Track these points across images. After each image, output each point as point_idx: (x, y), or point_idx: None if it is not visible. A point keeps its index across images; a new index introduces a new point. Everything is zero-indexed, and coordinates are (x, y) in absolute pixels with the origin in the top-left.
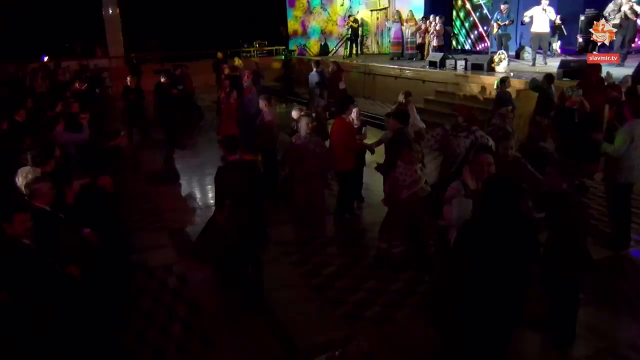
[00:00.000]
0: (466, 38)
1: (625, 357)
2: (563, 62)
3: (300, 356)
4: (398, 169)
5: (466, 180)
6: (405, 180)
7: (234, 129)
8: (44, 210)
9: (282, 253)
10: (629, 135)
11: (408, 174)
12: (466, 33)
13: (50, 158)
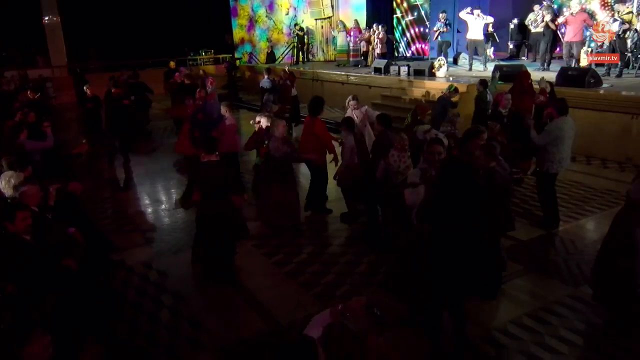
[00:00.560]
0: (407, 46)
1: (555, 312)
2: (497, 66)
3: (282, 330)
4: (392, 157)
5: (423, 166)
6: (400, 167)
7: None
8: (33, 211)
9: (254, 245)
10: (557, 130)
11: (402, 161)
12: (407, 41)
13: (28, 164)
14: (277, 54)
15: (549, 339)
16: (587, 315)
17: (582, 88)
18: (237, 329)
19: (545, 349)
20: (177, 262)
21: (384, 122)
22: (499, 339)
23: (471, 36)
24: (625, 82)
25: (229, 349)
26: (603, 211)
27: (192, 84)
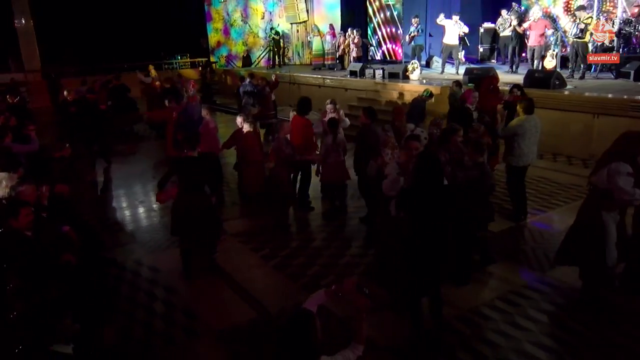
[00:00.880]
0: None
1: (523, 294)
2: (467, 69)
3: (272, 317)
4: (386, 156)
5: (401, 160)
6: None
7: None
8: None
9: (240, 241)
10: (517, 128)
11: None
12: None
13: (18, 165)
14: (254, 57)
15: (518, 318)
16: (553, 297)
17: (547, 89)
18: (230, 317)
19: (516, 327)
20: (167, 259)
21: (371, 115)
22: (473, 320)
23: (447, 41)
24: (588, 83)
25: (223, 335)
26: (568, 204)
27: (172, 87)
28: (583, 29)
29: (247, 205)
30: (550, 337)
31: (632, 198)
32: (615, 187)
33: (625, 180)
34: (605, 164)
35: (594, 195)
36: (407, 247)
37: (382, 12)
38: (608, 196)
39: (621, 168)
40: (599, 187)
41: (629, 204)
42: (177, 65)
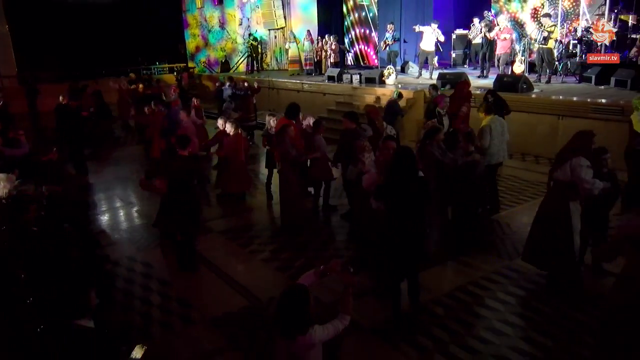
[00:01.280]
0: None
1: (493, 280)
2: (441, 74)
3: (263, 305)
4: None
5: (378, 159)
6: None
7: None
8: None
9: (228, 238)
10: (488, 130)
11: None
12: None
13: (14, 167)
14: (232, 63)
15: (488, 300)
16: (519, 281)
17: (515, 93)
18: (223, 305)
19: (486, 308)
20: (159, 255)
21: (355, 120)
22: (447, 302)
23: (424, 47)
24: (554, 87)
25: (218, 321)
26: (535, 200)
27: (153, 93)
28: (546, 36)
29: (230, 204)
30: (518, 316)
31: (593, 187)
32: (578, 179)
33: (586, 172)
34: (565, 159)
35: (558, 188)
36: (385, 236)
37: (356, 12)
38: (572, 188)
39: (581, 162)
40: (563, 181)
41: (590, 193)
42: (155, 71)
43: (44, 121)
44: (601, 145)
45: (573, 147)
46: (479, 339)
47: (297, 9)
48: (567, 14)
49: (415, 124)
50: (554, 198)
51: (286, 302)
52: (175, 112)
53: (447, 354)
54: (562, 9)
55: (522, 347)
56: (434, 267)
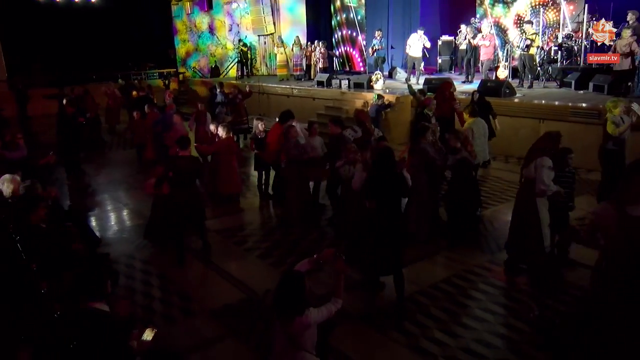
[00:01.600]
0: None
1: (476, 273)
2: (427, 79)
3: (259, 297)
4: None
5: (364, 159)
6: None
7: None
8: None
9: (224, 237)
10: (470, 133)
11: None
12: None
13: (17, 169)
14: (222, 68)
15: (471, 291)
16: (498, 272)
17: (498, 97)
18: (221, 298)
19: (469, 298)
20: (157, 253)
21: (340, 125)
22: (433, 293)
23: (412, 53)
24: (535, 92)
25: (217, 312)
26: None
27: (146, 96)
28: (529, 44)
29: (223, 204)
30: (497, 304)
31: (547, 189)
32: (538, 178)
33: (546, 173)
34: (532, 159)
35: (527, 185)
36: (371, 233)
37: (343, 13)
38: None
39: (544, 162)
40: (529, 178)
41: (543, 194)
42: (145, 76)
43: (34, 126)
44: (582, 145)
45: (540, 147)
46: (461, 325)
47: (286, 15)
48: (548, 22)
49: (403, 127)
50: (523, 194)
51: (284, 286)
52: (169, 116)
53: (432, 339)
54: (543, 17)
55: (502, 332)
56: (421, 261)
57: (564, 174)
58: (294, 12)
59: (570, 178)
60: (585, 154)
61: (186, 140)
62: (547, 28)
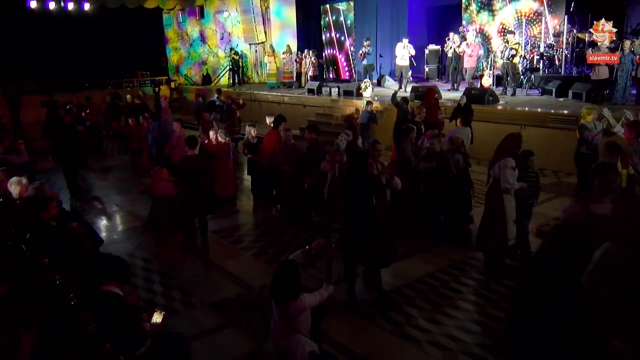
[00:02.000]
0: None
1: (458, 267)
2: (414, 87)
3: (255, 291)
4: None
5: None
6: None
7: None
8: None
9: (220, 237)
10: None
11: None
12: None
13: (23, 173)
14: (214, 76)
15: (453, 284)
16: (480, 268)
17: (482, 105)
18: (220, 293)
19: (450, 290)
20: (156, 252)
21: (316, 131)
22: (417, 286)
23: (399, 62)
24: (518, 99)
25: (216, 305)
26: None
27: (142, 104)
28: (514, 54)
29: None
30: (477, 295)
31: (511, 187)
32: (502, 177)
33: (510, 173)
34: (497, 159)
35: (494, 184)
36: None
37: (333, 15)
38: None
39: (507, 163)
40: (495, 177)
41: (507, 192)
42: (137, 84)
43: (27, 132)
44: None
45: (503, 148)
46: (444, 314)
47: (276, 22)
48: (531, 32)
49: (391, 133)
50: (491, 192)
51: (280, 274)
52: (166, 121)
53: (416, 326)
54: (527, 28)
55: (480, 320)
56: (408, 257)
57: (527, 174)
58: (284, 18)
59: (534, 178)
60: (564, 158)
61: (194, 140)
62: (530, 38)
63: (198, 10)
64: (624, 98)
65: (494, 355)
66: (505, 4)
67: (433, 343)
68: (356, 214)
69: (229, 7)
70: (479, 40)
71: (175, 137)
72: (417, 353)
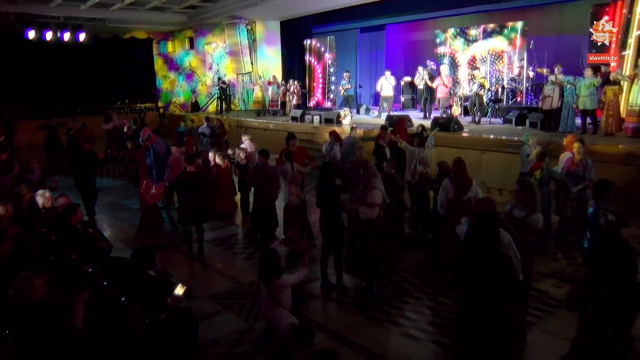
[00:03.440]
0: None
1: (416, 267)
2: (388, 116)
3: (247, 286)
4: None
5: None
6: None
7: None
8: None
9: (215, 245)
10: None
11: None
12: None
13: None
14: (202, 103)
15: (410, 279)
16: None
17: (448, 132)
18: (216, 287)
19: (408, 284)
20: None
21: (265, 155)
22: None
23: (384, 93)
24: (482, 127)
25: (214, 296)
26: None
27: (137, 129)
28: (481, 86)
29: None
30: (431, 287)
31: (441, 206)
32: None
33: (441, 192)
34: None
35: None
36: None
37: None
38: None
39: (444, 182)
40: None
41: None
42: (128, 110)
43: (22, 156)
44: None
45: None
46: (403, 302)
47: (264, 56)
48: (496, 66)
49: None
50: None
51: (265, 258)
52: (158, 144)
53: (380, 310)
54: (491, 62)
55: (433, 305)
56: None
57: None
58: (269, 50)
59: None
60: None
61: (193, 157)
62: (495, 72)
63: (188, 41)
64: (567, 127)
65: (442, 332)
66: (477, 39)
67: (392, 322)
68: (325, 218)
69: (218, 39)
70: (451, 73)
71: (172, 159)
72: (378, 329)
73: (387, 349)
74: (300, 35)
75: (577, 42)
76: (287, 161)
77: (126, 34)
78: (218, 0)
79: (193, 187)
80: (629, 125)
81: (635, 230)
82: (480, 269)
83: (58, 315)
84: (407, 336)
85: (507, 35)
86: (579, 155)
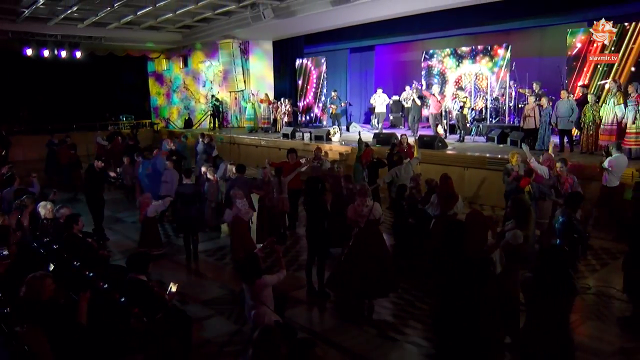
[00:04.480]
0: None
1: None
2: (376, 134)
3: (236, 293)
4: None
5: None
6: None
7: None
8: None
9: (207, 256)
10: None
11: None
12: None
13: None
14: (195, 120)
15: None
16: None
17: (432, 149)
18: (208, 294)
19: None
20: (154, 264)
21: (242, 170)
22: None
23: (377, 110)
24: (465, 145)
25: (206, 302)
26: None
27: (134, 145)
28: (462, 106)
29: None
30: (408, 294)
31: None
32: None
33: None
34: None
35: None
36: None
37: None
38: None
39: (432, 199)
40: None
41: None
42: (122, 126)
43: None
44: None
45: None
46: (383, 307)
47: (256, 74)
48: (480, 86)
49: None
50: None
51: (246, 261)
52: (157, 158)
53: (360, 315)
54: (475, 83)
55: (411, 310)
56: None
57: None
58: (262, 69)
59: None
60: (499, 196)
61: (189, 171)
62: (478, 92)
63: (182, 59)
64: (543, 144)
65: (420, 331)
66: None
67: (371, 324)
68: (310, 230)
69: (211, 58)
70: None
71: (167, 174)
72: (357, 331)
73: (366, 349)
74: (293, 54)
75: (557, 64)
76: (275, 176)
77: (122, 52)
78: (212, 21)
79: (189, 199)
80: (602, 144)
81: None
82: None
83: (65, 312)
84: (386, 338)
85: (492, 58)
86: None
